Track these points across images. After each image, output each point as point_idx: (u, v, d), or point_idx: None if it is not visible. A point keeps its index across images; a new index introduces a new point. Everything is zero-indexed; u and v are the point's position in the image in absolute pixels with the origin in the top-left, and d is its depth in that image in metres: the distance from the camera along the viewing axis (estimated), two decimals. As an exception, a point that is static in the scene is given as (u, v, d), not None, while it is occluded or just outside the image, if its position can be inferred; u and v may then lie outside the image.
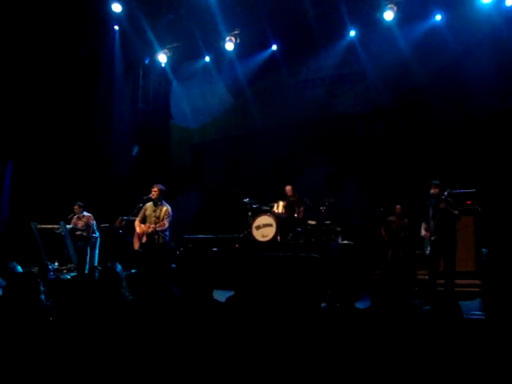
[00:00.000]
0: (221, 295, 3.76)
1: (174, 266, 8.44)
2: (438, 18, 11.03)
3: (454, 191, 7.85)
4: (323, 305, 3.52)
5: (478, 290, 7.79)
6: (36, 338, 2.94)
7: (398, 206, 10.00)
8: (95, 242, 10.17)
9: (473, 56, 10.40)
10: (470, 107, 10.74)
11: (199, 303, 3.30)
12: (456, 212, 7.60)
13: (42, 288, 3.42)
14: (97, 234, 10.22)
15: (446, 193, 7.60)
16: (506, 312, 2.76)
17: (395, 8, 10.91)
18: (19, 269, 4.89)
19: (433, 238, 7.57)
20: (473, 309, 6.01)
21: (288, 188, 10.57)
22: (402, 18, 11.08)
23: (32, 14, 10.97)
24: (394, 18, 11.00)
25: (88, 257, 9.92)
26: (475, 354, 2.46)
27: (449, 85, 10.89)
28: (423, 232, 7.96)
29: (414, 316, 2.71)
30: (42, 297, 3.40)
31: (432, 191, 7.67)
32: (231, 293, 3.73)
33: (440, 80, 10.94)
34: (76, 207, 10.20)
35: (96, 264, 9.74)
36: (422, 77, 11.09)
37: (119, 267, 4.31)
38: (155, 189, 8.15)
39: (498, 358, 2.41)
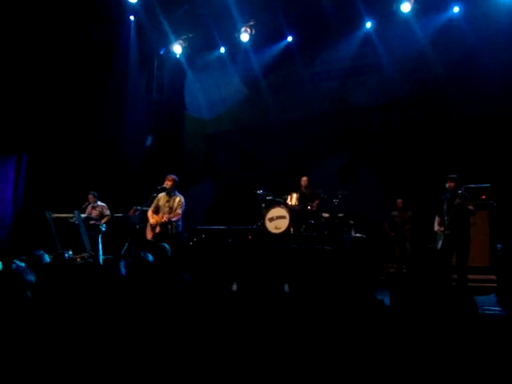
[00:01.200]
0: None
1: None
2: (456, 9, 10.91)
3: (469, 186, 7.79)
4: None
5: (492, 285, 7.73)
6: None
7: (399, 200, 10.05)
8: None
9: (490, 48, 10.26)
10: (487, 99, 10.61)
11: (212, 291, 3.30)
12: (471, 207, 7.54)
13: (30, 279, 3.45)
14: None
15: (462, 188, 7.54)
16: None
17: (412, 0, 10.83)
18: (47, 258, 4.91)
19: (447, 233, 7.53)
20: (487, 304, 5.98)
21: (304, 179, 10.55)
22: (419, 9, 10.98)
23: (45, 3, 10.99)
24: (410, 10, 10.92)
25: (100, 246, 9.98)
26: (491, 350, 2.44)
27: (465, 77, 10.80)
28: (436, 227, 7.91)
29: (434, 311, 2.69)
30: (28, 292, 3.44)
31: (448, 185, 7.61)
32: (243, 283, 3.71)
33: (457, 72, 10.84)
34: (91, 197, 10.27)
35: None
36: (439, 69, 10.98)
37: (151, 257, 4.27)
38: (169, 179, 8.18)
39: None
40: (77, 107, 12.11)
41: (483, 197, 8.74)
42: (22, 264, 5.20)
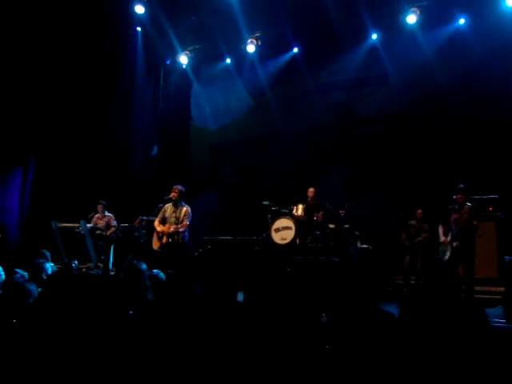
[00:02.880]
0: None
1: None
2: (462, 21, 10.95)
3: (477, 197, 7.77)
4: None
5: (499, 297, 7.68)
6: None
7: (419, 211, 9.92)
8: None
9: (496, 59, 10.27)
10: (492, 111, 10.62)
11: (222, 304, 3.30)
12: (475, 222, 7.52)
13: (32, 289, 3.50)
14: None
15: (476, 200, 7.53)
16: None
17: (418, 11, 10.86)
18: (48, 267, 4.93)
19: (455, 244, 7.50)
20: (495, 316, 5.94)
21: (310, 190, 10.51)
22: (425, 21, 11.00)
23: (55, 13, 11.08)
24: (416, 22, 10.95)
25: (111, 255, 9.95)
26: (500, 361, 2.43)
27: (472, 89, 10.77)
28: (442, 237, 7.88)
29: (445, 323, 2.67)
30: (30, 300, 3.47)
31: (455, 196, 7.59)
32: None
33: (463, 84, 10.82)
34: (100, 206, 10.31)
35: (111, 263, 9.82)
36: (444, 80, 10.97)
37: (144, 266, 4.33)
38: (175, 190, 8.21)
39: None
40: (84, 116, 12.17)
41: (490, 208, 8.74)
42: (26, 273, 5.20)
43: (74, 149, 12.07)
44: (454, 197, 7.60)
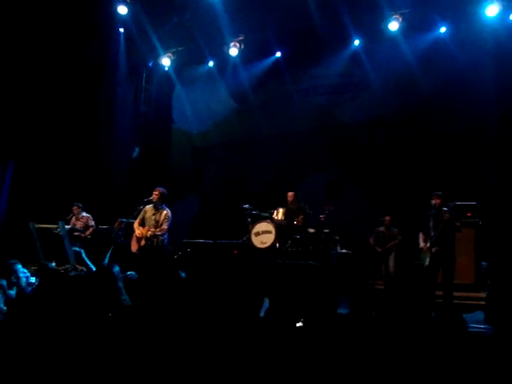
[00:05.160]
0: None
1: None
2: (443, 30, 11.08)
3: (455, 203, 7.82)
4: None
5: (476, 302, 7.74)
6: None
7: (387, 218, 10.02)
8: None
9: (477, 69, 10.41)
10: (472, 120, 10.73)
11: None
12: (458, 224, 7.58)
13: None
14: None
15: (451, 204, 7.59)
16: (507, 325, 2.75)
17: (400, 19, 10.95)
18: (20, 268, 4.86)
19: (433, 250, 7.54)
20: (472, 322, 5.97)
21: (290, 194, 10.54)
22: (407, 28, 11.10)
23: (36, 14, 10.97)
24: (398, 29, 11.04)
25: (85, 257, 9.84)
26: (478, 366, 2.44)
27: (452, 97, 10.89)
28: (422, 243, 7.91)
29: (417, 327, 2.68)
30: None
31: (434, 202, 7.64)
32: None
33: (443, 92, 10.95)
34: (75, 208, 10.17)
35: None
36: (426, 88, 11.09)
37: (117, 268, 4.28)
38: (156, 192, 8.13)
39: (501, 370, 2.39)
40: (65, 118, 12.05)
41: (469, 214, 8.80)
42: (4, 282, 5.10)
43: (54, 151, 11.95)
44: (432, 203, 7.64)
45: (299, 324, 3.26)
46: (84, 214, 10.24)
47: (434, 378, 2.36)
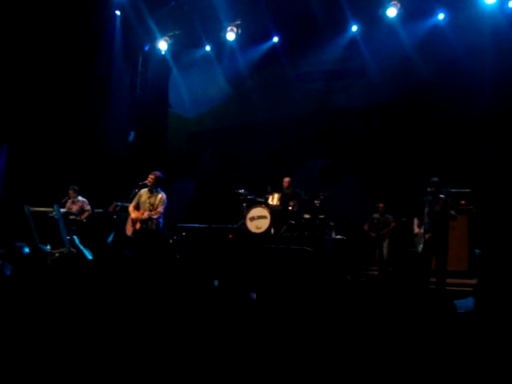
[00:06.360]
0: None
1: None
2: (441, 16, 11.03)
3: (450, 190, 7.83)
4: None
5: (469, 289, 7.79)
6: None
7: (380, 204, 10.09)
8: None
9: (474, 54, 10.37)
10: (470, 107, 10.71)
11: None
12: (453, 212, 7.58)
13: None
14: None
15: (445, 190, 7.59)
16: (496, 311, 2.76)
17: (398, 5, 10.90)
18: (27, 250, 4.85)
19: (427, 236, 7.55)
20: (464, 308, 6.02)
21: (286, 180, 10.58)
22: (405, 15, 11.05)
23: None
24: (396, 15, 11.00)
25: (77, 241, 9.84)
26: (467, 349, 2.46)
27: (449, 83, 10.86)
28: (416, 229, 7.93)
29: (413, 312, 2.69)
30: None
31: (429, 189, 7.64)
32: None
33: (440, 79, 10.91)
34: (71, 191, 10.17)
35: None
36: (423, 75, 11.05)
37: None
38: (152, 176, 8.11)
39: (489, 353, 2.41)
40: (60, 101, 11.99)
41: (463, 202, 8.82)
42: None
43: (50, 134, 11.91)
44: (429, 189, 7.64)
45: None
46: (80, 197, 10.24)
47: (422, 357, 2.38)
